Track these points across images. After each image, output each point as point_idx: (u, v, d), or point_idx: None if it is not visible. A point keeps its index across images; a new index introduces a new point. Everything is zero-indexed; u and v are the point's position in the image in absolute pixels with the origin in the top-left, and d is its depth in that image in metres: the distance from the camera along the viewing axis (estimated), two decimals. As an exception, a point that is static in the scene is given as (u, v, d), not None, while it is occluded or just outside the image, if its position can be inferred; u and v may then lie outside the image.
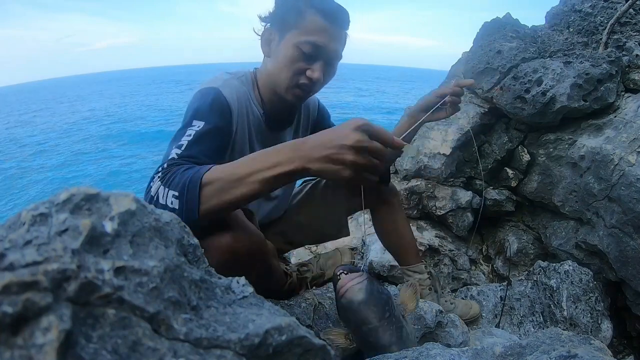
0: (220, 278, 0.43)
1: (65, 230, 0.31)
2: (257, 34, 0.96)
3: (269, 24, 0.94)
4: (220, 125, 0.84)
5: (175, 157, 0.72)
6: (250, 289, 0.43)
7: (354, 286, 0.79)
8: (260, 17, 0.94)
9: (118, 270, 0.31)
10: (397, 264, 1.38)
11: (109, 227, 0.33)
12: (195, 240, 0.43)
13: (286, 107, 1.01)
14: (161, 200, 0.64)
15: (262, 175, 0.61)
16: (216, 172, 0.64)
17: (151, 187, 0.68)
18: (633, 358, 1.40)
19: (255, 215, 0.89)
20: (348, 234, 1.35)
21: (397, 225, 1.27)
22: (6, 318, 0.24)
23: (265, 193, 0.66)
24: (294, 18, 0.88)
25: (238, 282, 0.43)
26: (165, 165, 0.70)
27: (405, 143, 0.65)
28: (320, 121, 1.20)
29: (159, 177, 0.68)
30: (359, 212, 1.72)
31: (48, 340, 0.25)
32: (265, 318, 0.37)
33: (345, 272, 0.82)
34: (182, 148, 0.74)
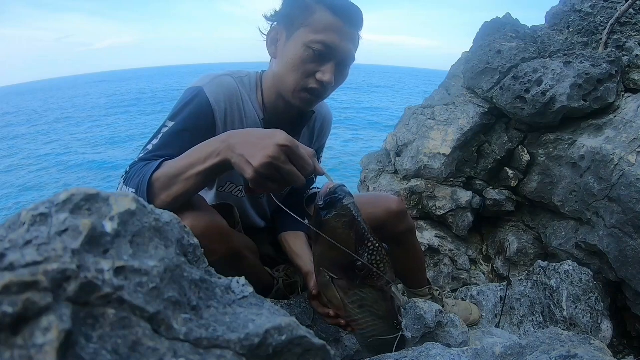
0: (220, 278, 0.43)
1: (65, 230, 0.31)
2: (263, 34, 0.89)
3: (275, 23, 0.87)
4: (194, 126, 0.82)
5: (137, 160, 0.78)
6: (250, 289, 0.43)
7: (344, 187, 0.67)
8: (265, 17, 0.88)
9: (118, 270, 0.31)
10: None
11: (109, 227, 0.33)
12: (195, 240, 0.43)
13: (292, 113, 0.95)
14: None
15: (196, 170, 0.65)
16: (163, 169, 0.68)
17: (117, 188, 0.73)
18: (633, 358, 1.40)
19: (236, 209, 0.89)
20: None
21: (406, 261, 1.21)
22: (6, 318, 0.24)
23: (204, 185, 0.70)
24: (302, 15, 0.82)
25: (238, 282, 0.43)
26: (128, 169, 0.75)
27: (323, 172, 0.67)
28: (321, 138, 1.13)
29: (123, 177, 0.73)
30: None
31: (48, 340, 0.25)
32: (265, 318, 0.37)
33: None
34: (147, 152, 0.78)
